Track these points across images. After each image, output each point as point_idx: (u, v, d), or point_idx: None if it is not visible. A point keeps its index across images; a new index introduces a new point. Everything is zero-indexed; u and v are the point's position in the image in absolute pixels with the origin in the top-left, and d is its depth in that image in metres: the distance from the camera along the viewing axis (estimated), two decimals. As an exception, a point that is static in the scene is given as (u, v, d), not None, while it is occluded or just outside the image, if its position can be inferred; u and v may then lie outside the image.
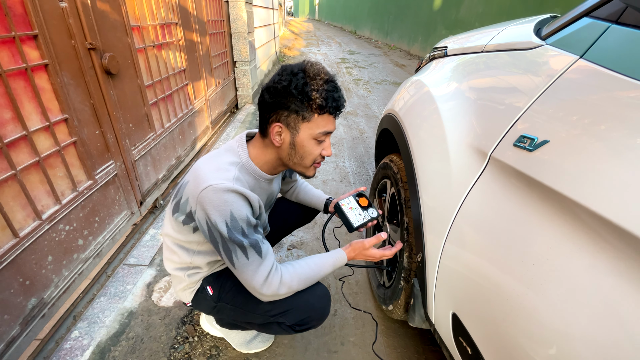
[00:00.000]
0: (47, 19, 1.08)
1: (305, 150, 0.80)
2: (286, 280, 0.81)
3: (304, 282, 0.84)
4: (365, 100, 4.35)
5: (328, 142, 0.83)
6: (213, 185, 0.72)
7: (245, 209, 0.76)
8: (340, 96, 0.79)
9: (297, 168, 0.85)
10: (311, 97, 0.73)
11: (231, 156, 0.82)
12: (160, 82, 1.89)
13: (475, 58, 0.97)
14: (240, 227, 0.75)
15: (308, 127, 0.77)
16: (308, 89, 0.73)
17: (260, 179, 0.87)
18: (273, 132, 0.79)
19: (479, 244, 0.67)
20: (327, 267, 0.88)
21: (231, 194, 0.73)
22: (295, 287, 0.82)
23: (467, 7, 6.27)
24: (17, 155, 0.99)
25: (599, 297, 0.45)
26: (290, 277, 0.81)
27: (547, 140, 0.55)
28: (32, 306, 1.05)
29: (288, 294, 0.82)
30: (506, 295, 0.58)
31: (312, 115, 0.76)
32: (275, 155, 0.83)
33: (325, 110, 0.76)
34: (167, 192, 2.01)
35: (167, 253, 0.95)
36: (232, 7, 3.31)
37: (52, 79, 1.10)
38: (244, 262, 0.76)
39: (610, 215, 0.44)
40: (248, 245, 0.76)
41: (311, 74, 0.75)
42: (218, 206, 0.72)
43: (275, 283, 0.79)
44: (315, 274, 0.86)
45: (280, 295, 0.81)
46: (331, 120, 0.80)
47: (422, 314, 0.95)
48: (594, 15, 0.62)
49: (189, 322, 1.25)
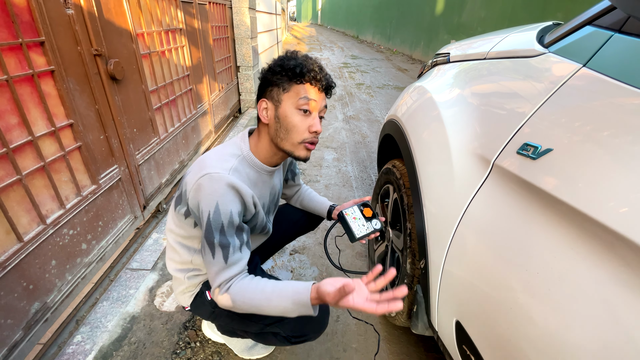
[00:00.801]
0: (54, 25, 1.10)
1: (289, 122, 0.78)
2: (232, 293, 0.74)
3: (248, 306, 0.75)
4: (367, 104, 4.36)
5: (315, 117, 0.80)
6: (209, 174, 0.73)
7: (233, 205, 0.74)
8: (321, 68, 0.80)
9: (286, 146, 0.81)
10: (288, 67, 0.77)
11: (233, 148, 0.84)
12: (165, 87, 1.90)
13: (477, 65, 0.98)
14: (220, 223, 0.73)
15: (288, 96, 0.78)
16: (285, 62, 0.78)
17: (262, 171, 0.86)
18: (260, 109, 0.82)
19: (482, 251, 0.67)
20: (284, 301, 0.73)
21: (223, 185, 0.73)
22: (238, 306, 0.75)
23: (469, 12, 6.30)
24: (23, 160, 1.00)
25: (604, 306, 0.45)
26: (236, 293, 0.74)
27: (551, 148, 0.55)
28: (35, 310, 1.05)
29: (231, 308, 0.76)
30: (510, 303, 0.58)
31: (290, 85, 0.78)
32: (267, 137, 0.83)
33: (303, 78, 0.77)
34: (170, 196, 2.02)
35: (169, 252, 0.95)
36: (235, 13, 3.34)
37: (58, 85, 1.12)
38: (209, 259, 0.75)
39: (614, 225, 0.44)
40: (217, 244, 0.73)
41: (291, 55, 0.81)
42: (208, 194, 0.72)
43: (225, 295, 0.75)
44: (265, 303, 0.74)
45: (224, 307, 0.77)
46: (313, 90, 0.79)
47: (425, 321, 0.95)
48: (596, 23, 0.62)
49: (191, 327, 1.24)
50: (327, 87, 0.82)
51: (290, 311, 0.73)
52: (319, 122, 0.81)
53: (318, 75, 0.78)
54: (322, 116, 0.83)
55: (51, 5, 1.08)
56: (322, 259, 1.64)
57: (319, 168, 2.60)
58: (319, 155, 2.84)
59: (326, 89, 0.82)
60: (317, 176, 2.46)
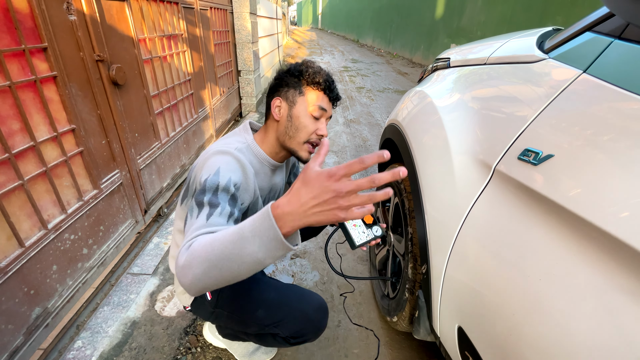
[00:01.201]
0: (57, 32, 1.10)
1: (300, 122, 0.85)
2: (194, 245, 0.55)
3: (207, 257, 0.52)
4: (368, 108, 4.37)
5: (323, 122, 0.87)
6: (217, 150, 0.77)
7: (233, 174, 0.72)
8: (334, 81, 0.89)
9: (292, 144, 0.86)
10: (306, 73, 0.85)
11: (238, 138, 0.88)
12: (166, 91, 1.91)
13: (478, 70, 0.98)
14: (216, 184, 0.67)
15: (303, 100, 0.86)
16: (303, 69, 0.86)
17: (264, 162, 0.90)
18: (274, 106, 0.87)
19: (484, 257, 0.67)
20: (244, 239, 0.50)
21: (228, 156, 0.75)
22: (197, 259, 0.52)
23: (468, 16, 6.33)
24: (25, 166, 1.00)
25: (606, 313, 0.45)
26: (198, 244, 0.54)
27: (552, 154, 0.55)
28: (36, 316, 1.05)
29: (182, 274, 0.53)
30: (512, 309, 0.58)
31: (307, 90, 0.86)
32: (275, 134, 0.88)
33: (319, 86, 0.85)
34: (171, 200, 2.02)
35: (172, 250, 0.97)
36: (236, 18, 3.36)
37: (61, 90, 1.12)
38: (190, 221, 0.63)
39: (615, 231, 0.44)
40: (206, 202, 0.64)
41: (308, 63, 0.88)
42: (212, 163, 0.73)
43: (184, 254, 0.55)
44: (226, 249, 0.51)
45: (180, 277, 0.54)
46: (325, 99, 0.87)
47: (427, 326, 0.94)
48: (596, 30, 0.63)
49: (191, 333, 1.24)
50: (336, 99, 0.91)
51: (256, 250, 0.49)
52: (325, 126, 0.88)
53: (332, 86, 0.87)
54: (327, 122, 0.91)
55: (54, 11, 1.09)
56: (323, 264, 1.63)
57: (319, 172, 2.60)
58: (319, 159, 2.84)
59: (334, 101, 0.91)
60: (318, 180, 2.46)
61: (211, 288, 0.54)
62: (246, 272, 0.52)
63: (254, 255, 0.50)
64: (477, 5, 5.98)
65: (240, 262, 0.50)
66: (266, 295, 0.91)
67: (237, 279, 0.53)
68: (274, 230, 0.48)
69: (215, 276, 0.52)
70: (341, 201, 0.46)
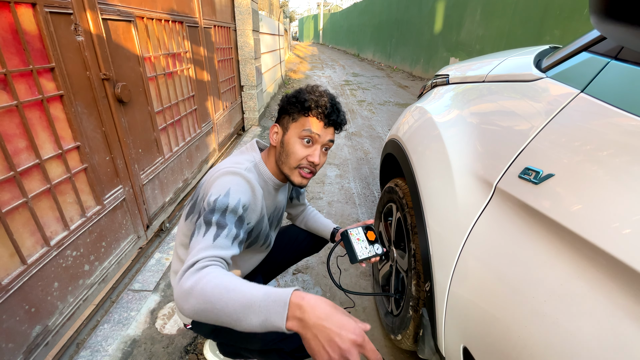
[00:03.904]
0: (64, 52, 1.13)
1: (290, 149, 0.84)
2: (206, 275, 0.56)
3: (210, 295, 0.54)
4: (369, 121, 4.41)
5: (316, 149, 0.85)
6: (228, 169, 0.78)
7: (243, 195, 0.74)
8: (333, 105, 0.85)
9: (284, 169, 0.87)
10: (300, 100, 0.84)
11: (246, 156, 0.90)
12: (170, 108, 1.94)
13: (476, 87, 0.99)
14: (225, 205, 0.69)
15: (295, 126, 0.85)
16: (299, 95, 0.85)
17: (269, 181, 0.91)
18: (272, 132, 0.90)
19: (488, 277, 0.66)
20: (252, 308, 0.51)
21: (239, 177, 0.77)
22: (199, 293, 0.54)
23: (467, 31, 6.44)
24: (30, 183, 1.01)
25: (612, 337, 0.44)
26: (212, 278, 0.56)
27: (552, 174, 0.55)
28: (37, 334, 1.04)
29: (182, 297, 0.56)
30: (518, 331, 0.57)
31: (299, 116, 0.84)
32: (274, 158, 0.90)
33: (310, 112, 0.83)
34: (173, 215, 2.02)
35: (174, 265, 0.96)
36: (239, 35, 3.44)
37: (67, 109, 1.14)
38: (196, 239, 0.65)
39: (616, 252, 0.44)
40: (214, 222, 0.67)
41: (310, 89, 0.87)
42: (222, 183, 0.74)
43: (197, 274, 0.57)
44: (225, 306, 0.52)
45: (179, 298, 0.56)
46: (318, 124, 0.83)
47: (432, 345, 0.93)
48: (593, 50, 0.64)
49: (192, 351, 1.22)
50: (334, 123, 0.86)
51: (256, 325, 0.50)
52: (320, 154, 0.85)
53: (326, 112, 0.83)
54: (328, 147, 0.88)
55: (62, 32, 1.12)
56: (326, 279, 1.62)
57: (321, 185, 2.60)
58: (321, 172, 2.85)
59: (334, 125, 0.86)
60: (320, 193, 2.46)
61: (201, 320, 0.56)
62: (237, 329, 0.53)
63: (251, 325, 0.51)
64: (476, 19, 6.10)
65: (236, 324, 0.52)
66: None
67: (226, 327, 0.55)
68: (280, 322, 0.49)
69: (210, 318, 0.54)
70: (336, 352, 0.47)
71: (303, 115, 0.84)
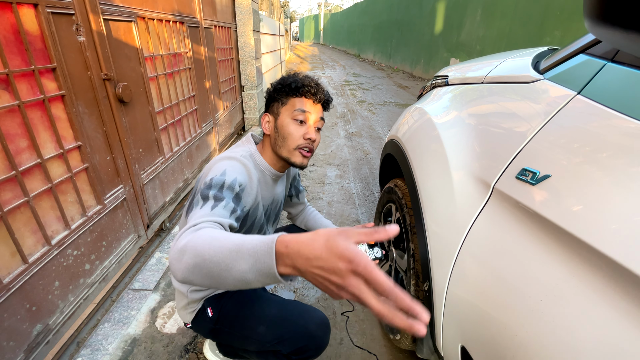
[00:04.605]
0: (66, 52, 1.14)
1: (285, 131, 0.87)
2: (197, 233, 0.55)
3: (201, 251, 0.51)
4: (369, 121, 4.41)
5: (310, 126, 0.88)
6: (222, 156, 0.81)
7: (240, 176, 0.77)
8: (317, 85, 0.88)
9: (284, 153, 0.88)
10: (287, 84, 0.87)
11: (242, 148, 0.92)
12: (171, 108, 1.95)
13: (475, 88, 1.00)
14: (222, 181, 0.71)
15: (285, 109, 0.88)
16: (285, 81, 0.88)
17: (266, 171, 0.92)
18: (263, 122, 0.92)
19: (485, 276, 0.67)
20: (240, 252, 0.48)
21: (235, 161, 0.80)
22: (188, 253, 0.52)
23: (467, 31, 6.44)
24: (31, 182, 1.02)
25: (609, 337, 0.45)
26: (201, 234, 0.54)
27: (549, 174, 0.56)
28: (37, 332, 1.04)
29: (175, 257, 0.54)
30: (515, 330, 0.57)
31: (288, 99, 0.88)
32: (270, 146, 0.92)
33: (299, 92, 0.86)
34: (173, 215, 2.03)
35: None
36: (240, 36, 3.45)
37: (68, 109, 1.15)
38: (194, 212, 0.65)
39: (612, 253, 0.44)
40: (212, 196, 0.67)
41: (292, 75, 0.90)
42: (216, 168, 0.76)
43: (186, 237, 0.55)
44: (214, 254, 0.50)
45: (173, 259, 0.54)
46: (308, 102, 0.87)
47: (431, 345, 0.93)
48: (590, 52, 0.64)
49: (192, 350, 1.23)
50: (323, 100, 0.90)
51: (246, 270, 0.47)
52: (314, 131, 0.89)
53: (313, 90, 0.87)
54: (319, 127, 0.91)
55: (63, 33, 1.13)
56: (325, 279, 1.62)
57: (321, 185, 2.61)
58: (321, 172, 2.86)
59: (322, 102, 0.90)
60: (320, 193, 2.47)
61: (196, 283, 0.52)
62: (231, 285, 0.49)
63: (242, 273, 0.47)
64: (476, 20, 6.10)
65: (227, 274, 0.48)
66: (267, 311, 0.90)
67: (221, 287, 0.51)
68: (270, 263, 0.45)
69: (203, 274, 0.50)
70: (341, 288, 0.42)
71: (292, 97, 0.87)
